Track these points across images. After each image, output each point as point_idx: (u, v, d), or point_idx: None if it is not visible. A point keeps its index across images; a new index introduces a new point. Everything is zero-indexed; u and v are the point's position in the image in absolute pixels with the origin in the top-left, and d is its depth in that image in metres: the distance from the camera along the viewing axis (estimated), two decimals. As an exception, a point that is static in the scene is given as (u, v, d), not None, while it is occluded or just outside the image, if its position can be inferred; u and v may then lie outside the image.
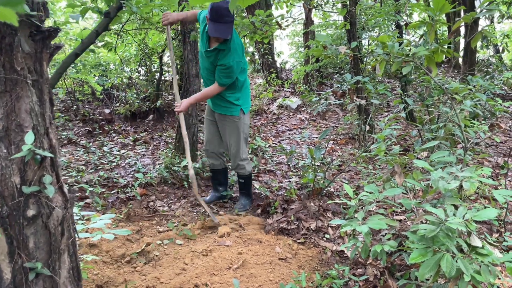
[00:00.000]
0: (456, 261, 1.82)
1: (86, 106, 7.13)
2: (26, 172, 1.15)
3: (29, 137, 1.10)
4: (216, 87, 3.46)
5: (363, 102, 2.98)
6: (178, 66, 6.97)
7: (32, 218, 1.16)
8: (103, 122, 6.57)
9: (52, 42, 1.25)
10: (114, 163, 4.88)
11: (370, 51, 5.37)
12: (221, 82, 3.41)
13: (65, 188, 1.27)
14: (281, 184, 4.35)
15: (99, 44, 3.64)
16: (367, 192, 2.32)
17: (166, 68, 7.22)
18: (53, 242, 1.20)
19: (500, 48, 11.36)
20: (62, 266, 1.23)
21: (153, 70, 7.18)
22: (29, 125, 1.16)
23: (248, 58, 10.28)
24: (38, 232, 1.18)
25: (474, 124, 3.04)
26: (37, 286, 1.18)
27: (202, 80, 3.80)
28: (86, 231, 3.12)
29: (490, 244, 2.07)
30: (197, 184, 3.52)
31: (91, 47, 3.34)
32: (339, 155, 5.23)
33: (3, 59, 1.11)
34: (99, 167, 4.74)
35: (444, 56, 2.50)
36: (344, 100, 4.23)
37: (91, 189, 3.99)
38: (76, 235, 1.32)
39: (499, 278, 2.57)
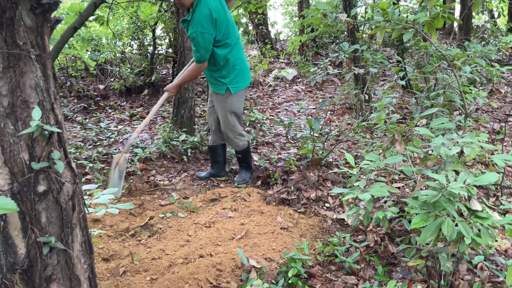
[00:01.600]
0: (456, 225, 1.86)
1: (80, 82, 7.04)
2: (34, 148, 1.15)
3: (36, 113, 1.10)
4: (194, 64, 3.35)
5: (361, 71, 2.96)
6: (172, 39, 6.87)
7: (43, 194, 1.17)
8: (98, 98, 6.51)
9: (52, 16, 1.22)
10: (112, 139, 4.87)
11: (366, 19, 5.30)
12: (194, 57, 3.30)
13: (73, 163, 1.28)
14: (280, 156, 4.38)
15: (90, 18, 3.57)
16: (368, 160, 2.35)
17: (159, 42, 7.11)
18: (65, 217, 1.22)
19: (495, 14, 11.25)
20: (75, 240, 1.25)
21: (146, 43, 7.07)
22: (35, 101, 1.15)
23: (241, 29, 10.12)
24: (50, 207, 1.19)
25: (472, 90, 3.04)
26: (51, 259, 1.20)
27: None
28: (89, 206, 3.15)
29: (489, 207, 2.12)
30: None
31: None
32: (336, 125, 5.25)
33: (5, 34, 1.08)
34: (97, 143, 4.74)
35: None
36: (341, 69, 4.21)
37: (90, 165, 3.99)
38: (85, 210, 1.33)
39: (496, 241, 2.65)
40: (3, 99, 1.10)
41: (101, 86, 6.79)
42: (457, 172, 2.03)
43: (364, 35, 5.67)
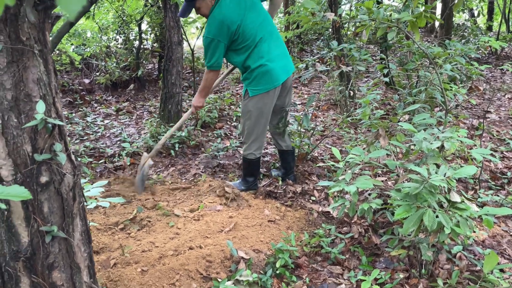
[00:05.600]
0: (437, 216, 1.96)
1: (65, 76, 6.98)
2: (37, 141, 1.19)
3: (41, 106, 1.14)
4: (205, 71, 3.24)
5: (349, 68, 3.04)
6: (158, 34, 6.86)
7: (45, 184, 1.21)
8: (84, 92, 6.47)
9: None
10: (99, 134, 4.86)
11: (351, 17, 5.40)
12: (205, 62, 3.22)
13: (73, 155, 1.32)
14: (267, 151, 4.45)
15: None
16: (353, 154, 2.44)
17: (144, 36, 7.09)
18: (66, 207, 1.26)
19: (475, 12, 11.52)
20: (75, 229, 1.30)
21: (132, 38, 7.04)
22: (37, 95, 1.18)
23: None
24: (51, 197, 1.23)
25: (453, 87, 3.16)
26: (53, 248, 1.25)
27: None
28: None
29: (468, 199, 2.23)
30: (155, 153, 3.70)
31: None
32: (321, 120, 5.34)
33: (9, 30, 1.12)
34: (84, 138, 4.73)
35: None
36: (328, 66, 4.29)
37: (78, 159, 3.99)
38: (84, 201, 1.38)
39: (474, 232, 2.77)
40: (7, 92, 1.14)
41: (87, 81, 6.75)
42: (437, 166, 2.13)
43: (348, 33, 5.77)
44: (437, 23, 10.29)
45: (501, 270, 2.38)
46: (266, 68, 3.17)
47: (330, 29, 6.78)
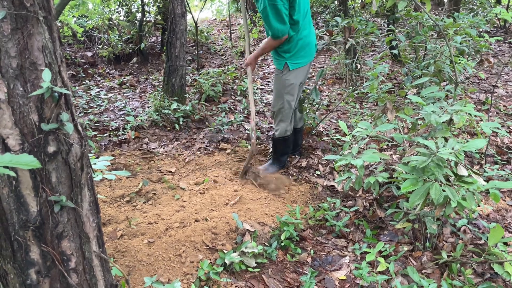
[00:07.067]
0: (443, 190, 1.95)
1: (67, 49, 6.90)
2: (43, 110, 1.17)
3: (46, 74, 1.12)
4: (268, 39, 3.09)
5: (359, 40, 2.98)
6: (161, 6, 6.74)
7: (52, 154, 1.20)
8: (87, 66, 6.41)
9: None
10: (103, 107, 4.84)
11: (358, -12, 5.26)
12: (271, 33, 2.99)
13: (79, 126, 1.31)
14: (271, 125, 4.43)
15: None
16: (360, 128, 2.41)
17: (147, 8, 6.97)
18: (74, 177, 1.25)
19: (485, -15, 11.21)
20: (84, 199, 1.30)
21: (134, 10, 6.92)
22: (42, 63, 1.16)
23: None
24: (59, 167, 1.23)
25: (462, 60, 3.11)
26: (62, 217, 1.25)
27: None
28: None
29: (475, 173, 2.22)
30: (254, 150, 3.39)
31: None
32: (327, 95, 5.29)
33: (12, -5, 1.09)
34: (88, 111, 4.71)
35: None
36: (334, 39, 4.20)
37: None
38: (92, 171, 1.37)
39: (479, 206, 2.78)
40: (12, 60, 1.11)
41: (89, 54, 6.67)
42: (446, 139, 2.11)
43: (355, 5, 5.65)
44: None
45: (505, 244, 2.39)
46: (308, 40, 3.17)
47: (336, 1, 6.64)
